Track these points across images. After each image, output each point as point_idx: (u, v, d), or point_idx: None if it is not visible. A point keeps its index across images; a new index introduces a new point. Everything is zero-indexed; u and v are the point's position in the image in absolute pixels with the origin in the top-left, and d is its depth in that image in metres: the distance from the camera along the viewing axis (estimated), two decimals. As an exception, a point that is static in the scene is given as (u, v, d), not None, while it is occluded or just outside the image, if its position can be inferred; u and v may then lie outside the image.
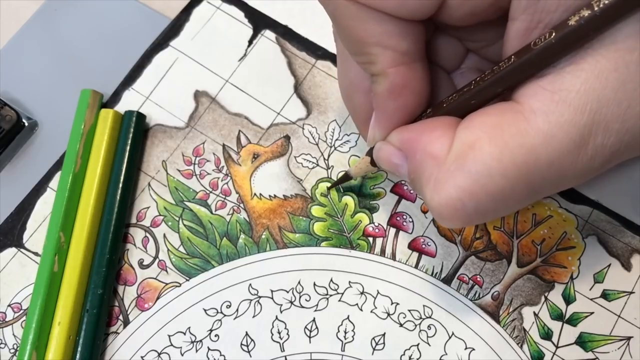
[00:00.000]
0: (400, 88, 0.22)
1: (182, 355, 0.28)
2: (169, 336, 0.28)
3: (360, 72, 0.24)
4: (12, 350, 0.28)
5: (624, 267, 0.28)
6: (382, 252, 0.29)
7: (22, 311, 0.29)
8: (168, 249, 0.29)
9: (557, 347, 0.27)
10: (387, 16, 0.21)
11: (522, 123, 0.19)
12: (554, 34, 0.18)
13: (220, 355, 0.28)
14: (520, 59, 0.20)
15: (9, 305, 0.29)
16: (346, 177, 0.28)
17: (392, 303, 0.28)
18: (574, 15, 0.18)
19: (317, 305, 0.28)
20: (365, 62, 0.22)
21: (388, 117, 0.23)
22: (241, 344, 0.28)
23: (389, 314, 0.28)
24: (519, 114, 0.19)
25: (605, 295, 0.28)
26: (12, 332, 0.28)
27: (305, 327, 0.28)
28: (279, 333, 0.28)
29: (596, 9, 0.18)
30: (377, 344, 0.28)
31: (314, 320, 0.28)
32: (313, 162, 0.30)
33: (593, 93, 0.18)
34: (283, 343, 0.28)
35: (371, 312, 0.28)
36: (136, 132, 0.30)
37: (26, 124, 0.31)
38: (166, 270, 0.29)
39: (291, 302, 0.28)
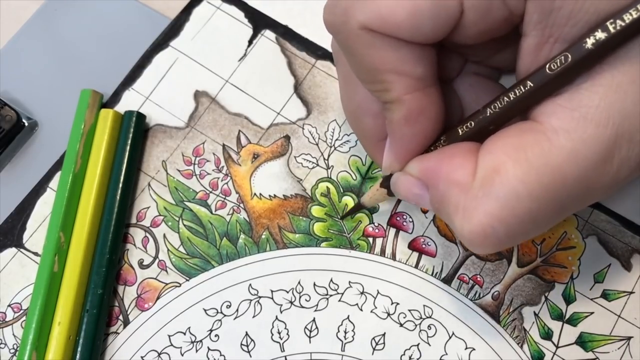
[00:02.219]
0: (416, 115, 0.22)
1: (182, 355, 0.28)
2: (169, 336, 0.28)
3: (368, 96, 0.23)
4: (12, 350, 0.28)
5: (624, 267, 0.28)
6: (382, 252, 0.29)
7: (22, 311, 0.29)
8: (168, 249, 0.29)
9: (557, 347, 0.27)
10: (401, 42, 0.20)
11: (545, 143, 0.19)
12: (570, 57, 0.18)
13: (220, 355, 0.28)
14: (536, 85, 0.19)
15: (9, 305, 0.29)
16: (359, 206, 0.28)
17: (392, 303, 0.28)
18: (589, 37, 0.18)
19: (317, 305, 0.28)
20: (380, 90, 0.22)
21: (404, 145, 0.23)
22: (241, 344, 0.28)
23: (389, 314, 0.28)
24: (541, 134, 0.19)
25: (605, 295, 0.28)
26: (12, 332, 0.28)
27: (305, 327, 0.28)
28: (279, 333, 0.28)
29: (613, 31, 0.18)
30: (377, 344, 0.28)
31: (314, 320, 0.28)
32: (313, 162, 0.30)
33: (613, 107, 0.18)
34: (283, 343, 0.28)
35: (371, 312, 0.28)
36: (136, 132, 0.30)
37: (26, 124, 0.31)
38: (166, 270, 0.29)
39: (291, 302, 0.28)
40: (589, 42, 0.18)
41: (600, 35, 0.18)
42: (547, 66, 0.19)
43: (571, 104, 0.19)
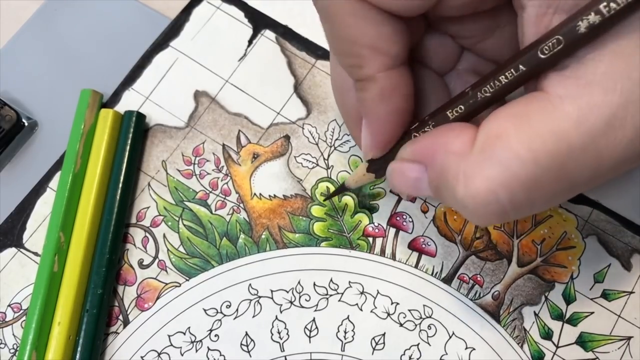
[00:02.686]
0: (390, 92, 0.21)
1: (182, 355, 0.28)
2: (169, 336, 0.28)
3: None
4: (12, 350, 0.28)
5: (624, 267, 0.28)
6: (382, 252, 0.29)
7: (22, 311, 0.29)
8: (168, 249, 0.29)
9: (557, 347, 0.27)
10: (384, 16, 0.20)
11: (550, 108, 0.18)
12: (563, 41, 0.18)
13: (220, 355, 0.28)
14: (529, 68, 0.19)
15: (9, 305, 0.29)
16: (343, 188, 0.27)
17: (392, 303, 0.28)
18: (582, 20, 0.18)
19: (317, 305, 0.28)
20: (353, 65, 0.21)
21: (380, 123, 0.23)
22: (241, 344, 0.28)
23: (389, 314, 0.28)
24: (546, 102, 0.18)
25: (605, 295, 0.28)
26: (12, 332, 0.28)
27: (305, 327, 0.28)
28: (279, 333, 0.28)
29: (607, 15, 0.17)
30: (377, 343, 0.28)
31: (314, 320, 0.28)
32: (313, 162, 0.30)
33: (621, 73, 0.18)
34: (283, 343, 0.28)
35: (371, 312, 0.28)
36: (136, 132, 0.30)
37: (26, 124, 0.31)
38: (166, 270, 0.29)
39: (291, 302, 0.28)
40: (582, 25, 0.18)
41: (594, 19, 0.18)
42: (540, 49, 0.19)
43: (577, 73, 0.18)
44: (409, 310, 0.28)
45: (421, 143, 0.22)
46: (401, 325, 0.28)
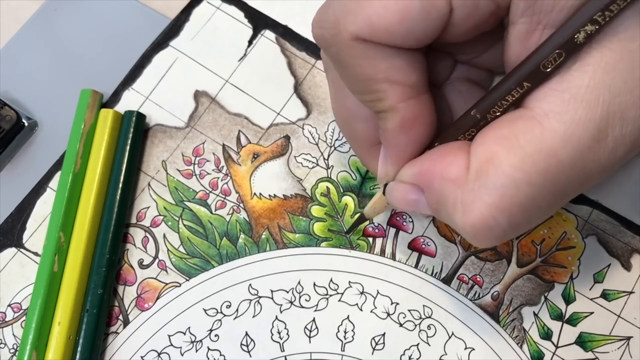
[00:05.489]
0: (411, 122, 0.22)
1: (182, 355, 0.28)
2: (169, 336, 0.28)
3: (359, 101, 0.23)
4: (12, 350, 0.28)
5: (623, 267, 0.28)
6: (382, 252, 0.29)
7: (22, 311, 0.29)
8: (168, 249, 0.29)
9: (557, 347, 0.27)
10: (393, 50, 0.20)
11: (537, 128, 0.19)
12: (563, 54, 0.18)
13: (220, 355, 0.28)
14: (534, 84, 0.19)
15: (9, 305, 0.29)
16: (361, 219, 0.28)
17: (392, 303, 0.28)
18: (580, 32, 0.18)
19: (317, 305, 0.28)
20: (373, 100, 0.22)
21: (400, 152, 0.23)
22: (241, 344, 0.28)
23: (388, 314, 0.28)
24: (532, 120, 0.19)
25: (605, 295, 0.28)
26: (12, 332, 0.28)
27: (305, 327, 0.28)
28: (279, 333, 0.28)
29: (602, 23, 0.18)
30: (377, 343, 0.28)
31: (314, 320, 0.28)
32: (313, 162, 0.30)
33: (603, 85, 0.18)
34: (283, 343, 0.28)
35: (371, 312, 0.28)
36: (136, 132, 0.30)
37: (26, 124, 0.31)
38: (166, 270, 0.29)
39: (291, 302, 0.28)
40: (580, 37, 0.18)
41: (590, 28, 0.18)
42: (542, 64, 0.19)
43: (561, 86, 0.19)
44: (409, 311, 0.28)
45: (419, 167, 0.22)
46: (401, 325, 0.28)
